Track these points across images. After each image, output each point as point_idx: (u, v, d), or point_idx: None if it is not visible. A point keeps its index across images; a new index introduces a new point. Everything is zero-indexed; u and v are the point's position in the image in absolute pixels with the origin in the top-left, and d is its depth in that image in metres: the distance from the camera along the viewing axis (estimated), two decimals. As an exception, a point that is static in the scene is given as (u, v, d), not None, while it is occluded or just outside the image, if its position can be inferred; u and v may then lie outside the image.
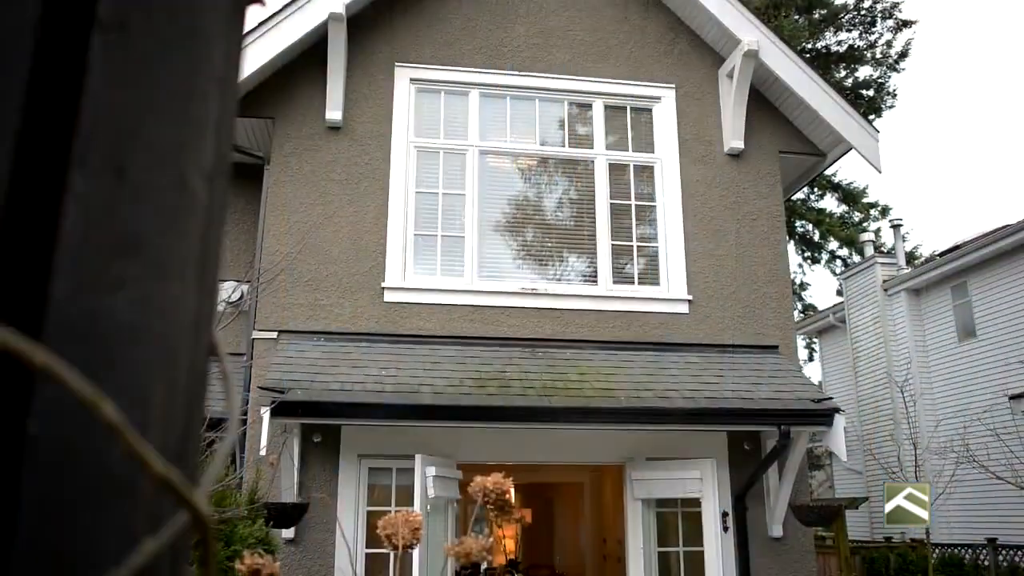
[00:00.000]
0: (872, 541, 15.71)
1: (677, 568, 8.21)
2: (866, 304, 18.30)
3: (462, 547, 2.80)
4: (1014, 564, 11.64)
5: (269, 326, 8.35)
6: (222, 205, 0.69)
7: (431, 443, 7.78)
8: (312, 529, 7.76)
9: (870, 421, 17.53)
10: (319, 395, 7.13)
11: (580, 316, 8.89)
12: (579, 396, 7.52)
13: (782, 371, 8.60)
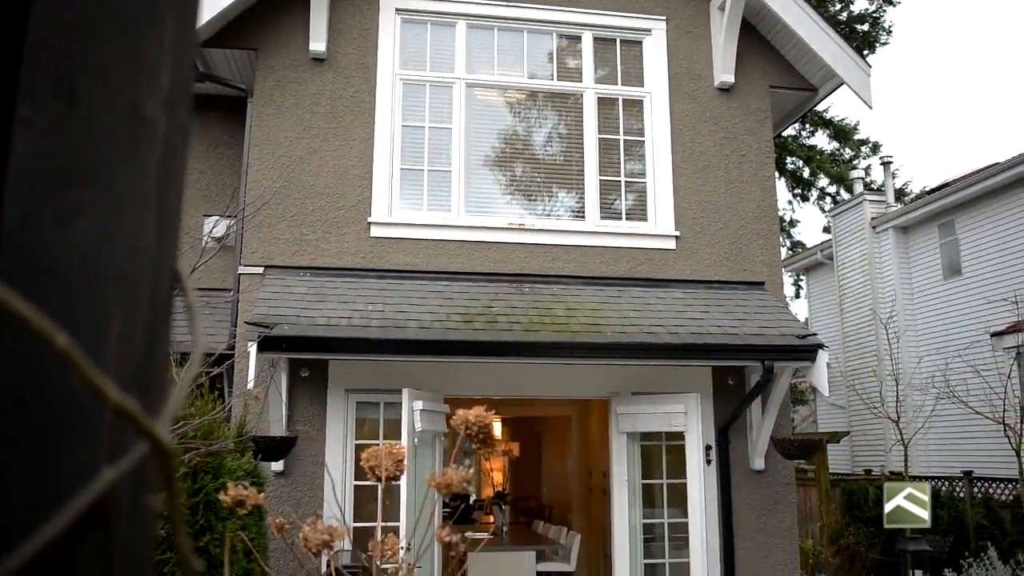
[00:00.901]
0: (852, 474, 16.05)
1: (660, 500, 8.39)
2: (854, 241, 18.35)
3: (444, 479, 2.84)
4: (988, 495, 11.94)
5: (255, 261, 8.32)
6: (183, 133, 0.67)
7: (418, 377, 7.84)
8: (301, 462, 7.86)
9: (854, 357, 17.75)
10: (305, 330, 7.14)
11: (567, 252, 8.89)
12: (565, 331, 7.57)
13: (767, 307, 8.66)
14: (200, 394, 5.11)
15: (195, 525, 4.70)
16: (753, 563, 8.46)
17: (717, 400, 8.64)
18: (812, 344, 7.88)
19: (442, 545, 2.81)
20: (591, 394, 8.96)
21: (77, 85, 0.54)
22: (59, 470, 0.52)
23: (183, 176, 0.67)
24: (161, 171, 0.65)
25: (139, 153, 0.60)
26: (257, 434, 7.20)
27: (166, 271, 0.66)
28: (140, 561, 0.61)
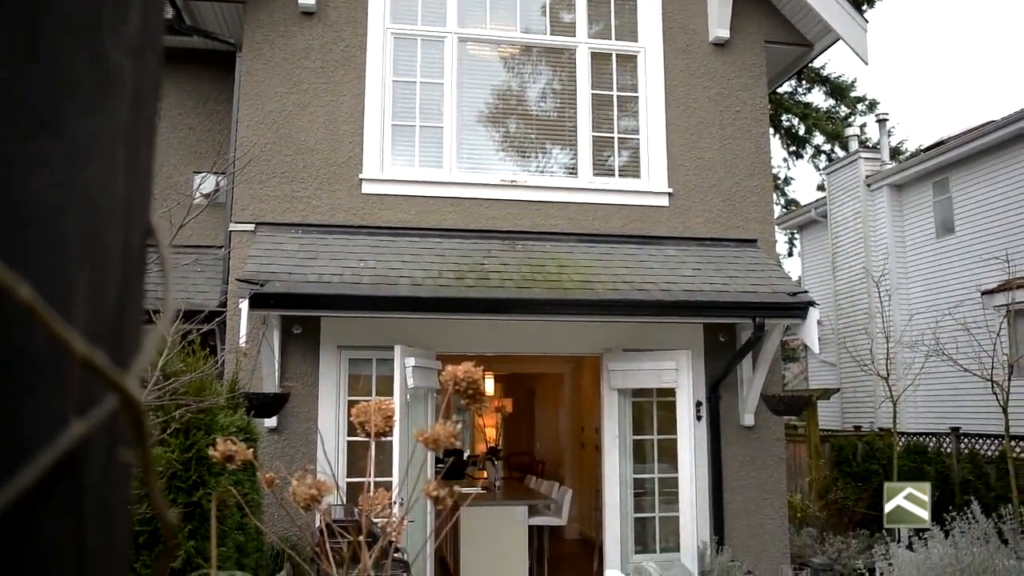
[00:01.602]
0: (842, 430, 16.22)
1: (651, 455, 8.48)
2: (848, 199, 18.32)
3: (431, 434, 2.86)
4: (974, 451, 12.09)
5: (246, 218, 8.28)
6: (153, 84, 0.66)
7: (410, 334, 7.86)
8: (294, 419, 7.91)
9: (846, 315, 17.83)
10: (297, 287, 7.13)
11: (560, 208, 8.86)
12: (557, 288, 7.57)
13: (759, 264, 8.67)
14: (191, 351, 5.12)
15: (188, 481, 4.74)
16: (742, 517, 8.58)
17: (708, 357, 8.69)
18: (803, 301, 7.90)
19: (430, 499, 2.84)
20: (583, 351, 9.00)
21: (39, 33, 0.53)
22: (24, 423, 0.52)
23: (154, 127, 0.66)
24: (130, 122, 0.63)
25: (105, 103, 0.59)
26: (250, 391, 7.23)
27: (138, 225, 0.65)
28: (115, 520, 0.61)
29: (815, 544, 9.30)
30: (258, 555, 5.97)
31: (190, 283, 8.34)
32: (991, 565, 4.72)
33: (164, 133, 9.25)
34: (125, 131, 0.62)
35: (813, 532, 9.83)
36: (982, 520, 5.06)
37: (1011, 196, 14.36)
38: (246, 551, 5.73)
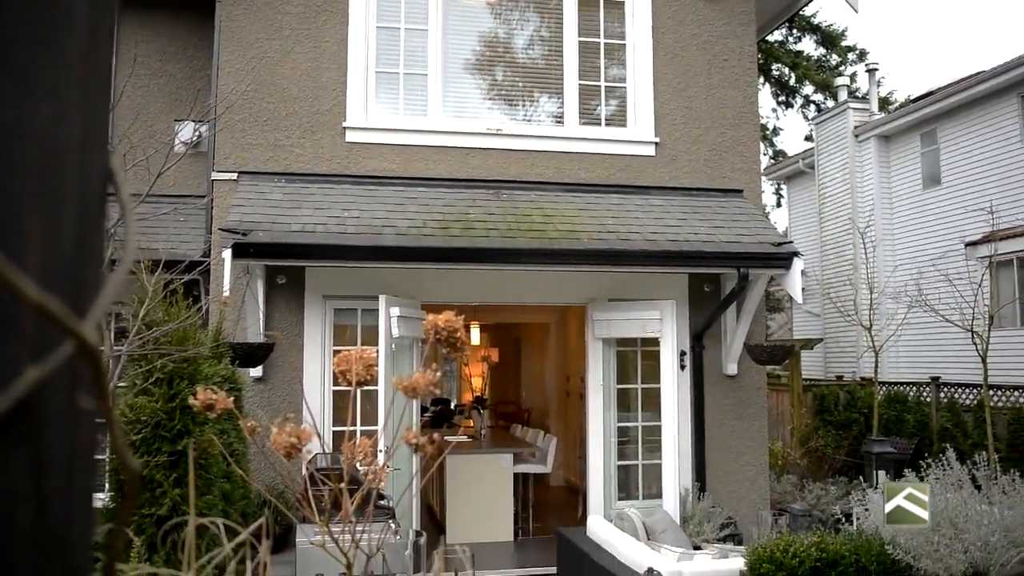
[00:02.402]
0: (825, 379, 16.41)
1: (635, 404, 8.56)
2: (836, 150, 18.28)
3: (410, 382, 2.87)
4: (953, 400, 12.27)
5: (228, 167, 8.19)
6: (107, 24, 0.64)
7: (396, 284, 7.85)
8: (279, 368, 7.92)
9: (831, 266, 17.92)
10: (281, 236, 7.09)
11: (546, 158, 8.80)
12: (543, 238, 7.56)
13: (745, 215, 8.67)
14: (174, 301, 5.09)
15: (172, 430, 4.75)
16: (723, 465, 8.71)
17: (692, 307, 8.73)
18: (787, 252, 7.93)
19: (410, 447, 2.86)
20: (568, 300, 9.02)
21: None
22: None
23: (109, 70, 0.64)
24: (84, 62, 0.61)
25: (56, 42, 0.57)
26: (235, 340, 7.23)
27: (96, 167, 0.63)
28: (78, 464, 0.60)
29: (795, 491, 9.48)
30: (244, 503, 6.03)
31: (172, 232, 8.26)
32: (964, 510, 4.83)
33: (143, 80, 9.08)
34: (79, 71, 0.60)
35: (793, 479, 10.00)
36: (957, 467, 5.16)
37: (997, 147, 14.36)
38: (232, 499, 5.78)
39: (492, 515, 9.04)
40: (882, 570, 4.98)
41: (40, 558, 0.54)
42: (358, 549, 2.79)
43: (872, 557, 5.01)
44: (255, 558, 4.85)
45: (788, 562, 4.90)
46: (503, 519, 9.11)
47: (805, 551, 4.95)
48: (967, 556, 4.60)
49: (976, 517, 4.72)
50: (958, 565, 4.60)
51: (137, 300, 4.64)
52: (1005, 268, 13.63)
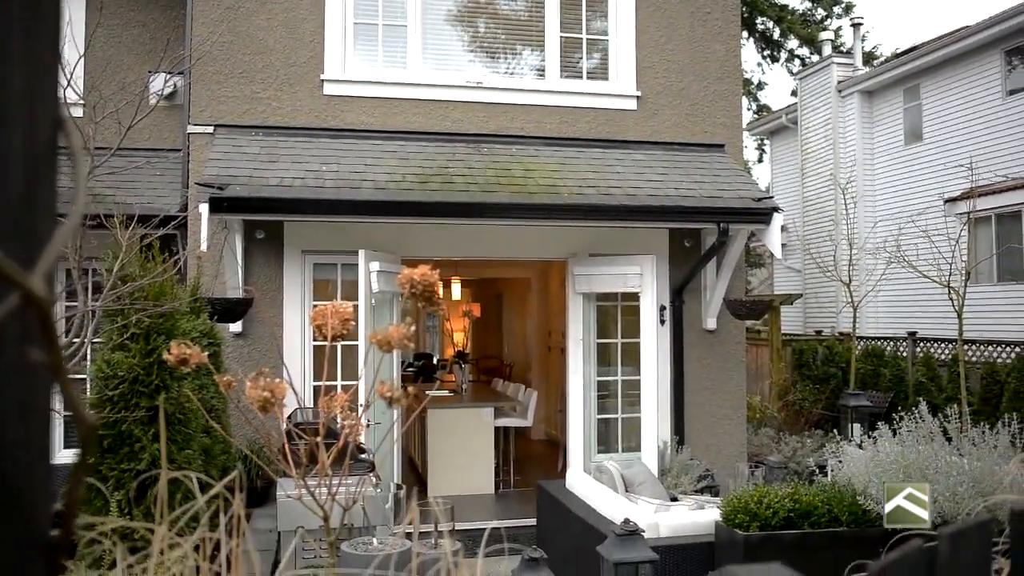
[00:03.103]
0: (804, 334, 16.56)
1: (615, 358, 8.61)
2: (819, 105, 18.23)
3: (384, 336, 2.86)
4: (928, 354, 12.43)
5: (204, 120, 8.06)
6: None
7: (375, 239, 7.82)
8: (259, 323, 7.90)
9: (813, 222, 17.98)
10: (258, 191, 7.02)
11: (526, 111, 8.72)
12: (523, 192, 7.52)
13: (726, 170, 8.65)
14: (150, 256, 5.05)
15: (150, 385, 4.74)
16: (702, 418, 8.82)
17: (673, 262, 8.75)
18: (767, 207, 7.93)
19: (385, 400, 2.85)
20: (549, 255, 9.02)
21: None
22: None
23: (57, 15, 0.62)
24: (27, 9, 0.60)
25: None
26: (213, 296, 7.19)
27: (44, 119, 0.62)
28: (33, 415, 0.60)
29: (772, 443, 9.61)
30: (225, 457, 6.04)
31: (148, 187, 8.17)
32: (934, 462, 4.91)
33: (115, 31, 8.89)
34: (22, 21, 0.59)
35: (771, 432, 10.13)
36: (929, 419, 5.24)
37: (979, 103, 14.36)
38: (213, 454, 5.80)
39: (473, 468, 9.13)
40: (853, 520, 5.08)
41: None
42: (335, 502, 2.80)
43: (844, 507, 5.11)
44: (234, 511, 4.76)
45: (762, 513, 4.99)
46: (484, 472, 9.20)
47: (779, 502, 5.03)
48: (936, 506, 4.70)
49: (946, 468, 4.80)
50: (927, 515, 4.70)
51: (112, 255, 4.59)
52: (983, 224, 13.73)
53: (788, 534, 4.93)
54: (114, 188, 7.10)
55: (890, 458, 5.09)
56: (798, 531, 4.96)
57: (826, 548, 4.89)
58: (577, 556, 5.73)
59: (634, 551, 4.26)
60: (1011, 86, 13.86)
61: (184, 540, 1.92)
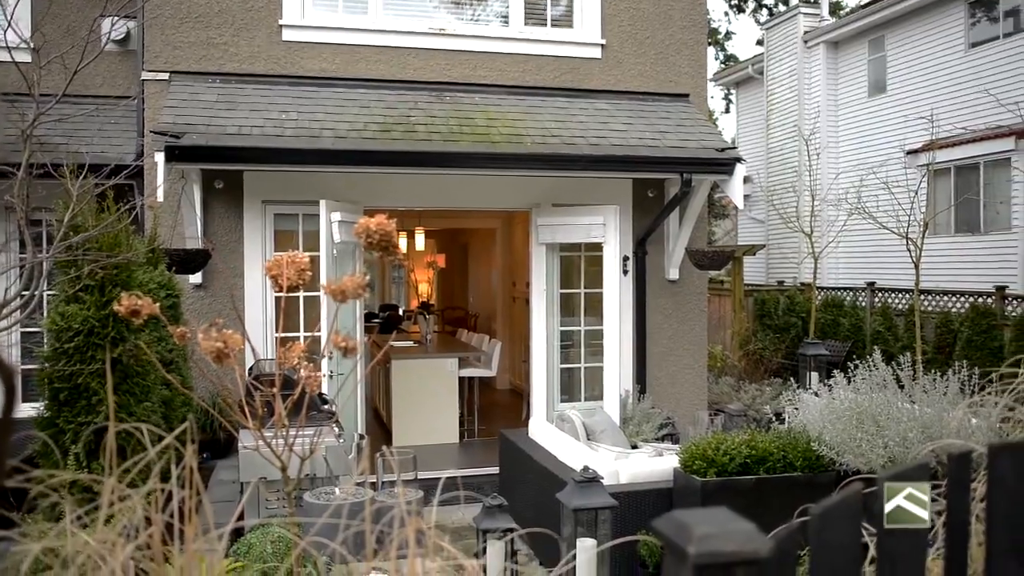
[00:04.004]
0: (766, 285, 16.76)
1: (578, 309, 8.66)
2: (785, 56, 18.20)
3: (339, 286, 2.83)
4: (886, 304, 12.66)
5: (159, 66, 7.85)
6: None
7: (337, 189, 7.72)
8: (220, 275, 7.81)
9: (777, 173, 18.07)
10: (216, 139, 6.87)
11: (490, 59, 8.60)
12: (485, 141, 7.46)
13: (690, 120, 8.64)
14: (104, 206, 4.94)
15: (106, 337, 4.67)
16: (664, 367, 8.93)
17: (636, 212, 8.77)
18: (730, 158, 7.94)
19: (339, 350, 2.83)
20: (512, 205, 8.98)
21: None
22: None
23: None
24: None
25: None
26: (171, 246, 7.08)
27: None
28: None
29: (732, 392, 9.77)
30: (185, 409, 6.01)
31: (102, 135, 7.96)
32: (887, 409, 5.03)
33: (64, -30, 8.56)
34: None
35: (731, 381, 10.30)
36: (883, 367, 5.35)
37: (942, 56, 14.42)
38: (173, 406, 5.76)
39: (438, 418, 9.18)
40: (807, 465, 5.20)
41: None
42: (292, 452, 2.79)
43: (799, 453, 5.23)
44: (201, 463, 4.83)
45: (719, 459, 5.08)
46: (449, 422, 9.26)
47: (736, 448, 5.13)
48: (887, 451, 4.82)
49: (897, 415, 4.92)
50: (878, 459, 4.82)
51: (63, 205, 4.49)
52: (942, 176, 13.89)
53: (744, 480, 5.04)
54: (66, 137, 6.91)
55: (844, 405, 5.20)
56: (754, 476, 5.07)
57: (781, 493, 5.01)
58: (538, 503, 5.82)
59: (593, 497, 4.33)
60: (973, 39, 13.93)
61: (136, 492, 1.90)
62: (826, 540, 1.38)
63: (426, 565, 1.81)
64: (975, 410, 4.62)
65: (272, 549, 3.92)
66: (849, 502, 1.40)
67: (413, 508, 1.77)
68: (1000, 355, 9.57)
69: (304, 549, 2.99)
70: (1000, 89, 12.37)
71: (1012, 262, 12.75)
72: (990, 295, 11.55)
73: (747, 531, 1.21)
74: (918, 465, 1.46)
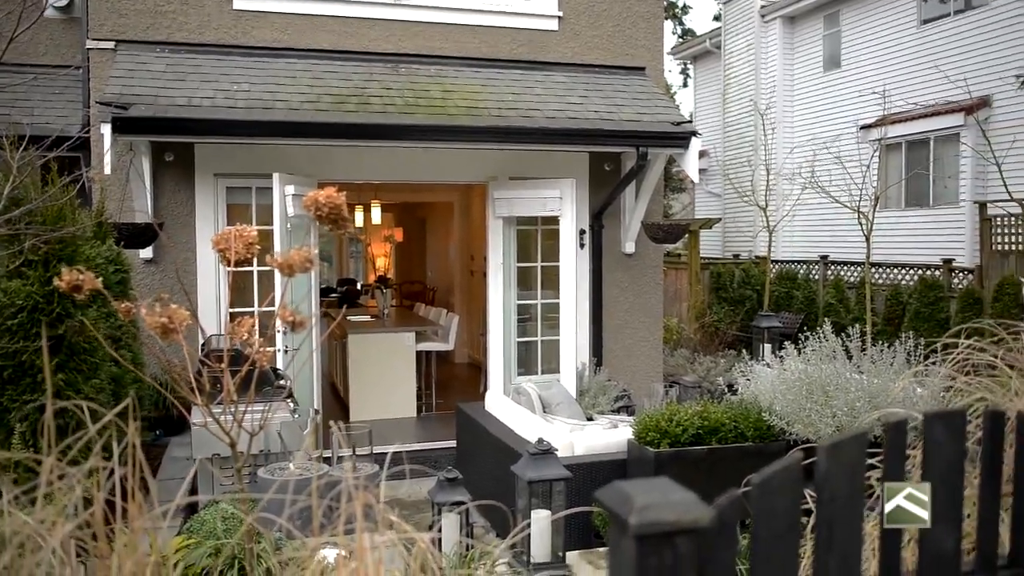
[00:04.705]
0: (722, 258, 16.95)
1: (535, 282, 8.67)
2: (742, 30, 18.28)
3: (286, 259, 2.79)
4: (839, 277, 12.89)
5: (105, 35, 7.63)
6: None
7: (291, 162, 7.61)
8: (172, 249, 7.67)
9: (733, 147, 18.21)
10: (165, 111, 6.72)
11: (447, 31, 8.51)
12: (442, 114, 7.40)
13: (646, 93, 8.65)
14: (50, 179, 4.81)
15: (51, 314, 4.57)
16: (620, 340, 8.99)
17: (592, 185, 8.78)
18: (686, 131, 7.98)
19: (287, 324, 2.80)
20: (469, 178, 8.94)
21: None
22: None
23: None
24: None
25: None
26: (120, 220, 6.93)
27: None
28: None
29: (687, 364, 9.89)
30: (136, 386, 5.91)
31: (46, 106, 7.75)
32: (836, 379, 5.13)
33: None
34: None
35: (686, 353, 10.42)
36: (832, 339, 5.45)
37: (896, 32, 14.60)
38: (124, 383, 5.66)
39: (395, 393, 9.16)
40: (758, 435, 5.29)
41: None
42: (241, 428, 2.75)
43: (750, 424, 5.31)
44: (154, 440, 4.77)
45: (672, 430, 5.15)
46: (406, 396, 9.25)
47: (688, 420, 5.20)
48: (835, 420, 4.93)
49: (845, 385, 5.02)
50: (826, 428, 4.93)
51: (2, 176, 4.36)
52: (894, 151, 14.11)
53: (696, 450, 5.11)
54: (6, 107, 6.71)
55: (794, 376, 5.29)
56: (706, 447, 5.14)
57: (732, 463, 5.09)
58: (495, 476, 5.85)
59: (547, 469, 4.36)
60: (926, 15, 14.11)
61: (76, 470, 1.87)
62: (767, 507, 1.40)
63: (374, 539, 1.81)
64: (920, 379, 4.73)
65: (225, 526, 3.89)
66: (789, 470, 1.42)
67: (362, 483, 1.76)
68: (947, 326, 9.80)
69: (257, 525, 2.97)
70: (950, 65, 12.56)
71: (959, 235, 13.04)
72: (938, 268, 11.81)
73: (688, 501, 1.23)
74: (856, 434, 1.48)
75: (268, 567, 3.02)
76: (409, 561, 2.02)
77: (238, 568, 3.64)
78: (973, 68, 12.46)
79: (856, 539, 1.48)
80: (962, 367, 3.03)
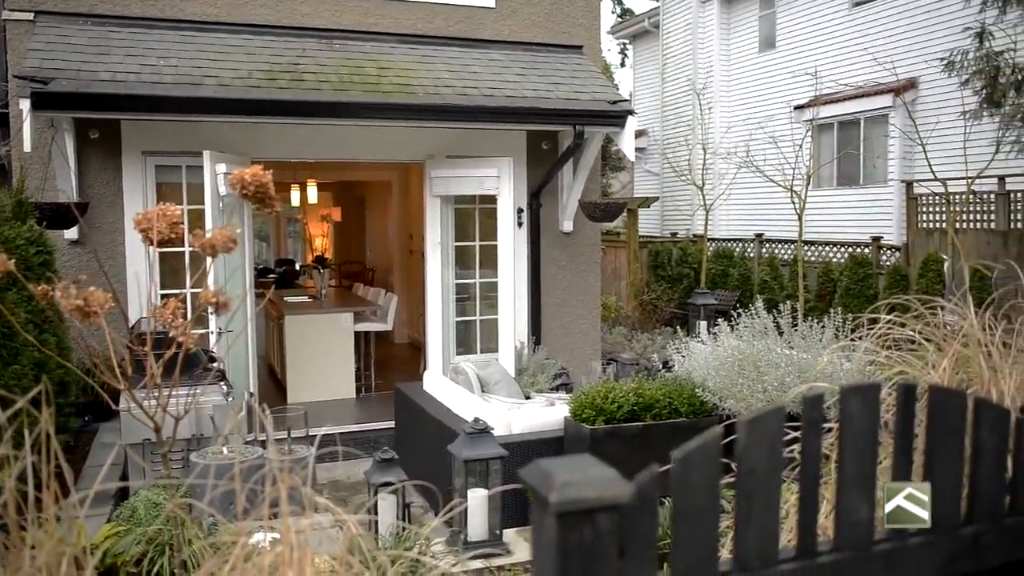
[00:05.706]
0: (660, 236, 17.14)
1: (473, 261, 8.65)
2: (680, 10, 18.40)
3: (208, 240, 2.71)
4: (773, 255, 13.16)
5: (22, 5, 7.33)
6: None
7: (222, 139, 7.43)
8: (98, 230, 7.44)
9: (671, 127, 18.37)
10: (88, 86, 6.49)
11: (382, 6, 8.38)
12: (376, 91, 7.30)
13: (583, 72, 8.65)
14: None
15: (-33, 296, 4.40)
16: (558, 318, 9.04)
17: (530, 164, 8.78)
18: (622, 110, 8.01)
19: (211, 306, 2.73)
20: (406, 157, 8.86)
21: None
22: None
23: None
24: None
25: None
26: (42, 200, 6.69)
27: None
28: None
29: (625, 341, 9.99)
30: (62, 371, 5.73)
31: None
32: (767, 355, 5.23)
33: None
34: None
35: (624, 330, 10.53)
36: (764, 315, 5.55)
37: (828, 14, 14.84)
38: (48, 368, 5.49)
39: (333, 374, 9.07)
40: (692, 411, 5.38)
41: None
42: (166, 413, 2.68)
43: (684, 400, 5.39)
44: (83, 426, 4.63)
45: (608, 407, 5.20)
46: (344, 377, 9.16)
47: (624, 396, 5.25)
48: (765, 395, 5.03)
49: (776, 360, 5.13)
50: (757, 403, 5.03)
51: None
52: (826, 131, 14.40)
53: (631, 426, 5.18)
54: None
55: (727, 352, 5.38)
56: (640, 423, 5.21)
57: (666, 438, 5.16)
58: (433, 456, 5.84)
59: (483, 448, 4.37)
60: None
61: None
62: (687, 482, 1.41)
63: (300, 523, 1.78)
64: (847, 354, 4.85)
65: (155, 512, 3.81)
66: (709, 445, 1.43)
67: (287, 465, 1.73)
68: (875, 301, 10.03)
69: (179, 511, 2.91)
70: (880, 48, 12.84)
71: (888, 214, 13.39)
72: (867, 245, 12.12)
73: (608, 477, 1.23)
74: (774, 408, 1.51)
75: (194, 551, 2.96)
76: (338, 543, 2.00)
77: (169, 555, 3.58)
78: (901, 51, 12.76)
79: (774, 511, 1.51)
80: (884, 341, 3.12)
